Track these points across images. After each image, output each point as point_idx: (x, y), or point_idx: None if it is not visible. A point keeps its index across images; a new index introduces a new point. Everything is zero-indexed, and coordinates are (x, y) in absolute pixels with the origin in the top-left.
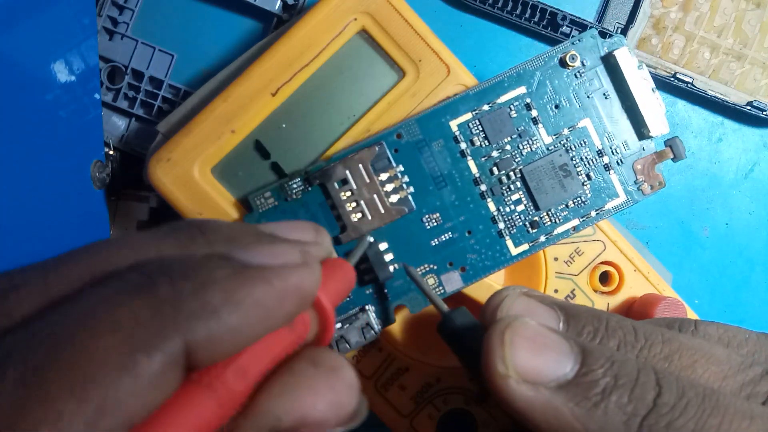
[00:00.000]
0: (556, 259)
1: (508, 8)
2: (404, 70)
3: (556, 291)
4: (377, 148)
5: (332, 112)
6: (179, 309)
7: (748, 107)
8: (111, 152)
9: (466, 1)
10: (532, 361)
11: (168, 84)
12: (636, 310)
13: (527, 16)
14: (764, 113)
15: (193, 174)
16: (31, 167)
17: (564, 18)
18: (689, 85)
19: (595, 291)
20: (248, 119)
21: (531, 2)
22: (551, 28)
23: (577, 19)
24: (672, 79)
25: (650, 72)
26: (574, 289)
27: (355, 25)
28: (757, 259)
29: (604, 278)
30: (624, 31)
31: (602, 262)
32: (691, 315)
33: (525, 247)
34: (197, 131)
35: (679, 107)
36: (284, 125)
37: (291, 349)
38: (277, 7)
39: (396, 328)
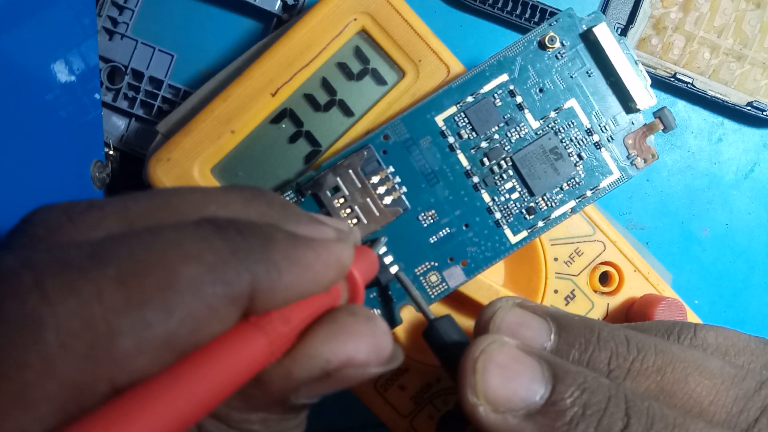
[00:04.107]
0: (556, 259)
1: (508, 8)
2: (404, 70)
3: (556, 291)
4: (365, 152)
5: (332, 112)
6: (251, 256)
7: (748, 107)
8: (111, 152)
9: (466, 1)
10: (502, 389)
11: (168, 84)
12: (636, 310)
13: (527, 16)
14: (764, 113)
15: (193, 174)
16: (31, 167)
17: None
18: (689, 86)
19: (595, 291)
20: (248, 119)
21: (531, 2)
22: None
23: None
24: (672, 79)
25: (650, 72)
26: (573, 290)
27: (355, 25)
28: (757, 260)
29: (604, 278)
30: (624, 31)
31: (602, 263)
32: (691, 316)
33: (524, 234)
34: (197, 131)
35: (679, 107)
36: (284, 125)
37: (325, 310)
38: (277, 7)
39: (396, 329)
